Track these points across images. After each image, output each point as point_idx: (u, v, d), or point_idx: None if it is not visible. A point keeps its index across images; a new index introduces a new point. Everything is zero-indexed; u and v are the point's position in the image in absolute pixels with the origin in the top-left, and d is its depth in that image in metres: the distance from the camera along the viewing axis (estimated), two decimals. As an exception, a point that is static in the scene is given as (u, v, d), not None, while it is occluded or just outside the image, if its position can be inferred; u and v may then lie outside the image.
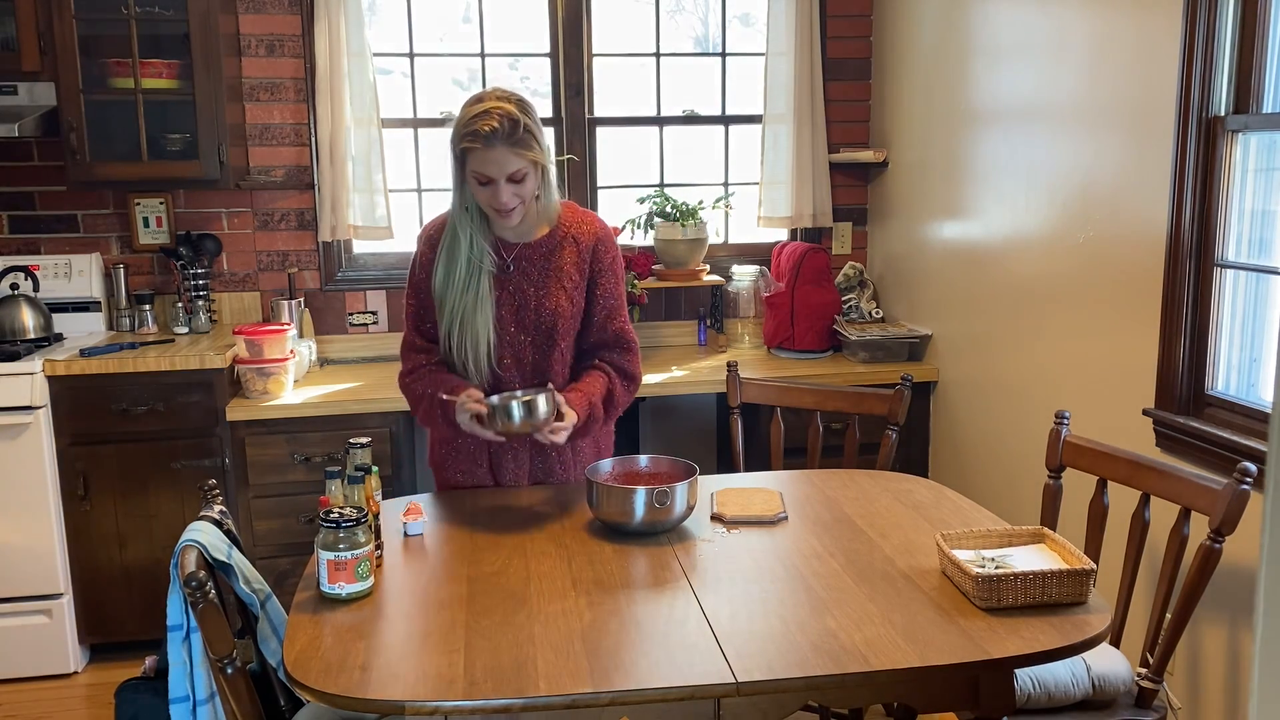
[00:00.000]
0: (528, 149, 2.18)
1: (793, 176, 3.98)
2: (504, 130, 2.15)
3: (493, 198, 2.20)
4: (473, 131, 2.16)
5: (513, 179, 2.19)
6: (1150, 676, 2.15)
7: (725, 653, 1.69)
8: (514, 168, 2.18)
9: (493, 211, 2.25)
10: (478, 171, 2.18)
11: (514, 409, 2.20)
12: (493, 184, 2.18)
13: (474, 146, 2.16)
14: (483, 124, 2.15)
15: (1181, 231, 2.43)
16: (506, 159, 2.17)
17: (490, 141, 2.15)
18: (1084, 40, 2.77)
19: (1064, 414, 2.46)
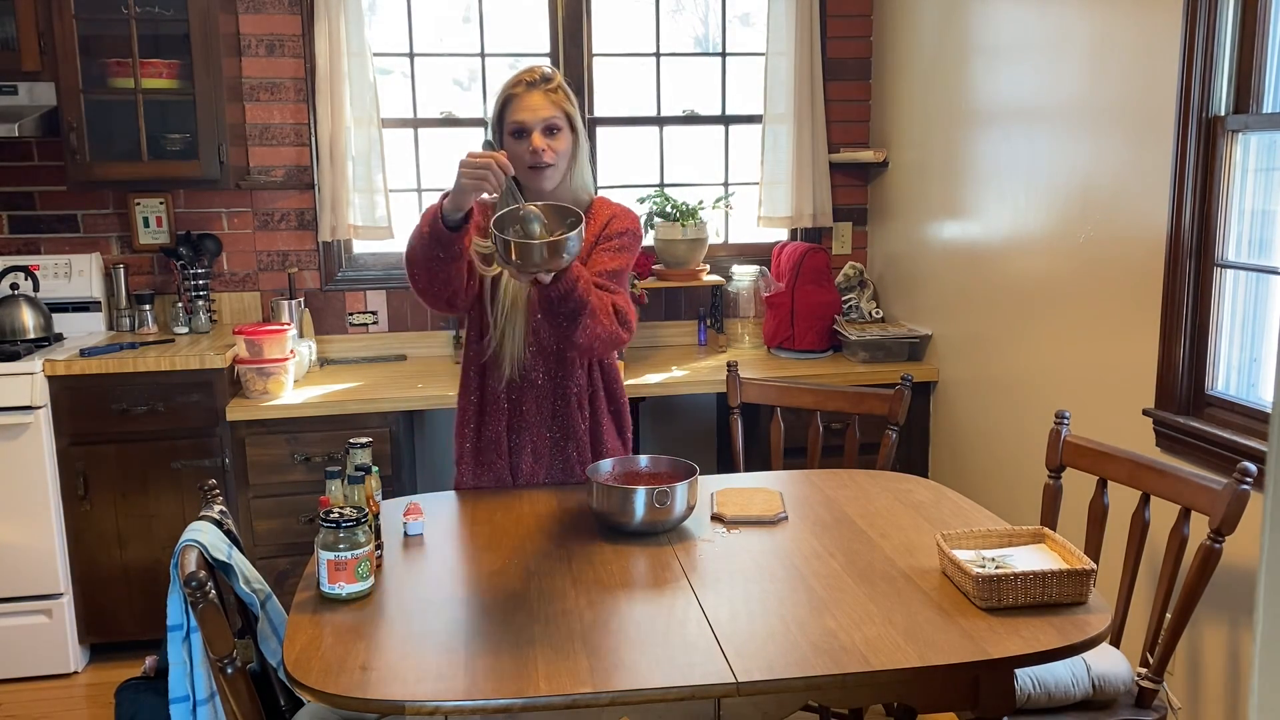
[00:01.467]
0: (565, 99, 2.26)
1: (793, 176, 3.98)
2: (543, 79, 2.26)
3: (528, 147, 2.22)
4: (515, 80, 2.27)
5: (549, 128, 2.23)
6: (1150, 676, 2.15)
7: (725, 653, 1.69)
8: (549, 113, 2.23)
9: (526, 171, 2.23)
10: (516, 119, 2.23)
11: (535, 251, 1.96)
12: (528, 135, 2.22)
13: (515, 93, 2.24)
14: (524, 75, 2.27)
15: (1181, 231, 2.43)
16: (542, 103, 2.23)
17: (530, 87, 2.24)
18: (1084, 40, 2.77)
19: (1064, 414, 2.46)
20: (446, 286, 2.23)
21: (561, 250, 1.97)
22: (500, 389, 2.40)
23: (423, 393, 3.40)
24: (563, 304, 2.08)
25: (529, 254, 1.96)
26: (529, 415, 2.40)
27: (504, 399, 2.40)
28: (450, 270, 2.19)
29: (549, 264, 1.98)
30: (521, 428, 2.41)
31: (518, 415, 2.41)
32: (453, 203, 2.11)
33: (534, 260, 1.96)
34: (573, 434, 2.42)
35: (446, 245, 2.16)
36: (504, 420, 2.41)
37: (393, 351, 3.91)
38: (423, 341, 3.96)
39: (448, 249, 2.16)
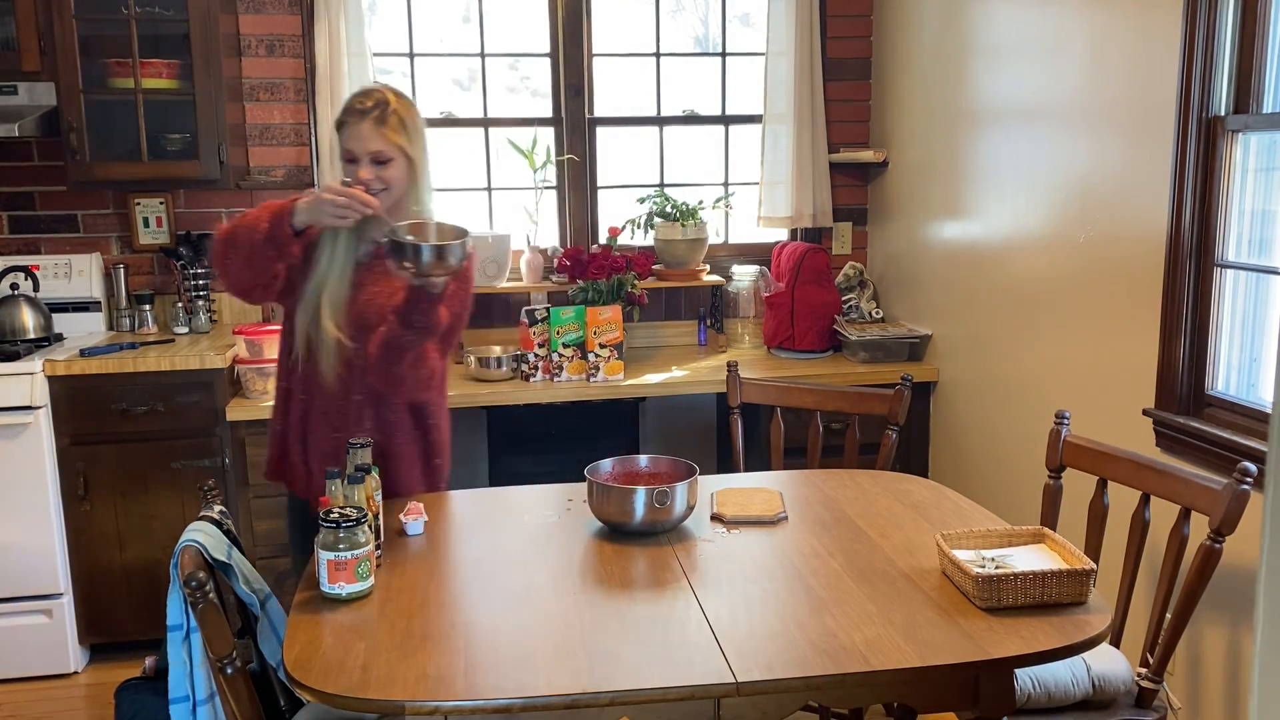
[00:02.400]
0: (393, 132, 2.25)
1: (793, 176, 3.98)
2: (374, 110, 2.25)
3: (356, 175, 2.25)
4: (347, 107, 2.28)
5: (376, 159, 2.25)
6: (1150, 676, 2.15)
7: (725, 653, 1.69)
8: (376, 147, 2.24)
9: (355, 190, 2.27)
10: (346, 147, 2.27)
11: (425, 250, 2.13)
12: (357, 162, 2.26)
13: (345, 120, 2.27)
14: (357, 101, 2.28)
15: (1181, 231, 2.43)
16: (371, 136, 2.24)
17: (359, 117, 2.25)
18: (1084, 40, 2.77)
19: (1064, 414, 2.46)
20: (259, 280, 2.25)
21: (448, 255, 2.13)
22: (298, 386, 2.38)
23: (423, 393, 3.39)
24: (419, 317, 2.22)
25: (420, 257, 2.12)
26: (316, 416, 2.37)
27: (299, 393, 2.39)
28: (272, 268, 2.22)
29: (438, 268, 2.13)
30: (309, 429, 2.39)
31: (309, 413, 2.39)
32: (306, 218, 2.18)
33: (424, 262, 2.12)
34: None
35: (281, 247, 2.20)
36: (298, 413, 2.40)
37: (393, 351, 3.91)
38: (423, 341, 3.95)
39: (281, 250, 2.20)
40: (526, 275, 3.87)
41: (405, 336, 2.24)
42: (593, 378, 3.51)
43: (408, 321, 2.23)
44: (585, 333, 3.50)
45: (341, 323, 2.29)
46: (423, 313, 2.22)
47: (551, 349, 3.51)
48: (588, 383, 3.51)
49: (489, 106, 3.97)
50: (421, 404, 2.41)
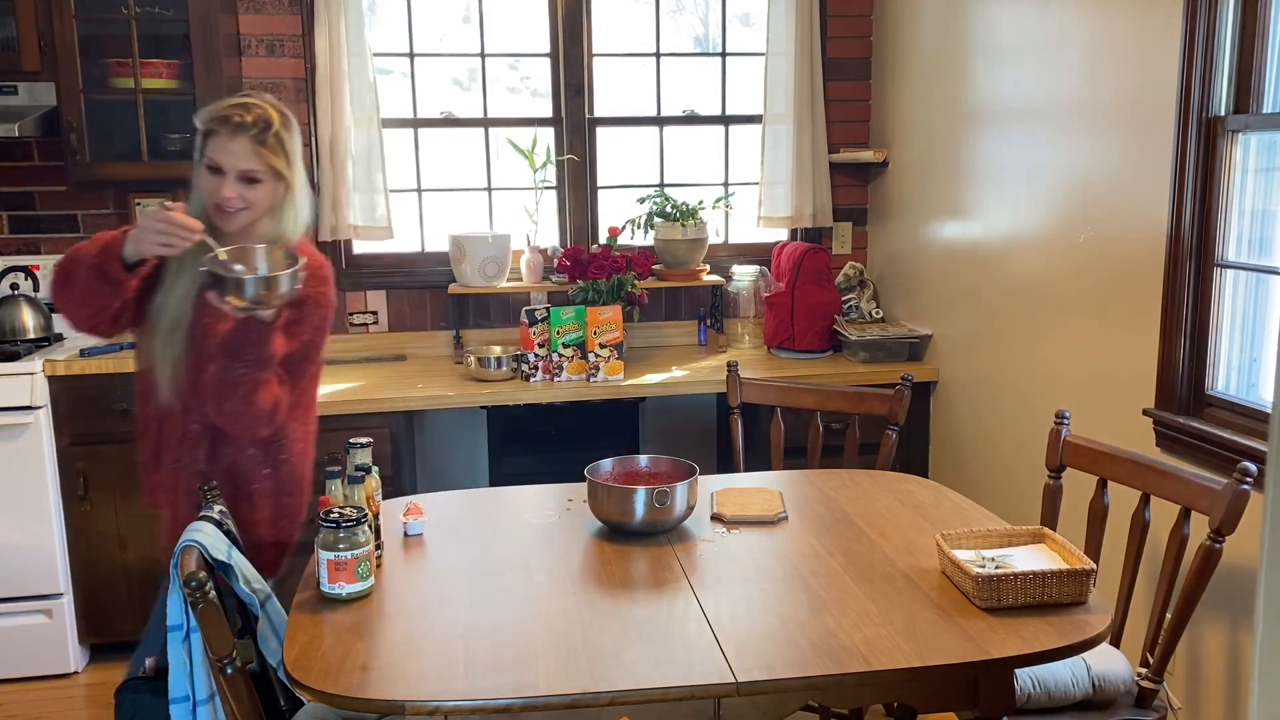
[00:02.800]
0: (272, 154, 2.10)
1: (793, 176, 3.98)
2: (254, 127, 2.09)
3: (218, 190, 2.09)
4: (224, 116, 2.09)
5: (246, 177, 2.10)
6: (1150, 676, 2.15)
7: (725, 653, 1.69)
8: (248, 165, 2.09)
9: (213, 208, 2.11)
10: (213, 158, 2.09)
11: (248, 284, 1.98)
12: (223, 176, 2.09)
13: (217, 130, 2.08)
14: (236, 112, 2.09)
15: (1181, 231, 2.43)
16: (245, 154, 2.08)
17: (237, 131, 2.08)
18: (1084, 40, 2.77)
19: (1064, 414, 2.47)
20: (98, 318, 2.09)
21: (275, 286, 1.98)
22: (150, 411, 2.23)
23: (423, 393, 3.40)
24: (251, 350, 2.04)
25: (243, 288, 1.97)
26: (164, 448, 2.22)
27: (151, 421, 2.23)
28: (110, 302, 2.06)
29: (266, 299, 1.98)
30: (161, 461, 2.23)
31: (160, 446, 2.23)
32: (133, 250, 2.02)
33: (247, 294, 1.97)
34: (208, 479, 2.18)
35: (115, 284, 2.04)
36: (151, 447, 2.24)
37: (393, 351, 3.91)
38: (423, 341, 3.96)
39: (116, 287, 2.04)
40: (526, 275, 3.87)
41: (235, 370, 2.06)
42: (593, 378, 3.51)
43: (236, 354, 2.05)
44: (585, 333, 3.50)
45: (180, 351, 2.12)
46: (254, 345, 2.05)
47: (551, 349, 3.51)
48: (588, 383, 3.51)
49: (489, 106, 3.97)
50: (269, 437, 2.21)
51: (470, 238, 3.74)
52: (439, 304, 3.95)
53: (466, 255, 3.72)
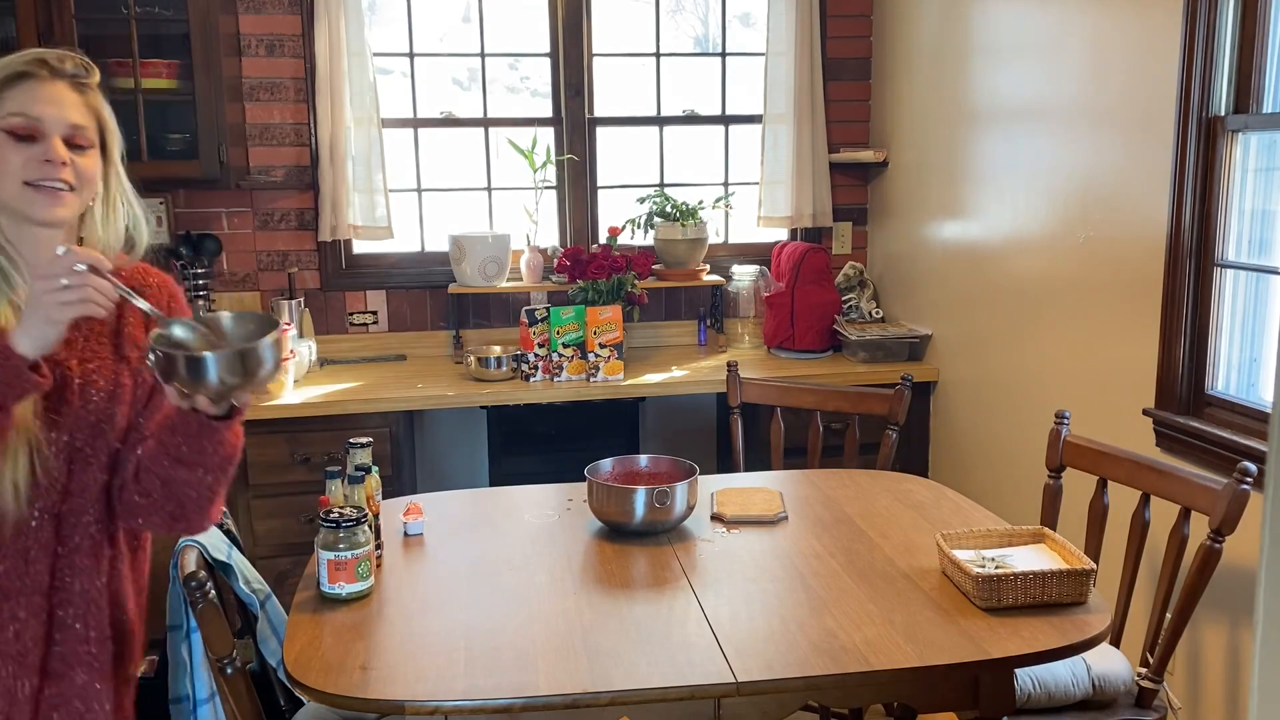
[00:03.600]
0: (102, 105, 1.56)
1: (793, 176, 3.98)
2: (75, 71, 1.53)
3: (35, 158, 1.46)
4: (32, 56, 1.51)
5: (73, 142, 1.50)
6: (1150, 676, 2.15)
7: (725, 653, 1.69)
8: (79, 118, 1.51)
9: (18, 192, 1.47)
10: (23, 112, 1.46)
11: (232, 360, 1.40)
12: (41, 137, 1.47)
13: (27, 71, 1.49)
14: (46, 52, 1.52)
15: (1181, 231, 2.43)
16: (72, 100, 1.51)
17: (53, 74, 1.51)
18: (1084, 40, 2.77)
19: (1064, 414, 2.47)
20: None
21: (258, 363, 1.42)
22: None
23: (423, 393, 3.40)
24: (221, 447, 1.49)
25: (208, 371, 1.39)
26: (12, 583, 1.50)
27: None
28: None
29: (244, 383, 1.42)
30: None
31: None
32: (37, 339, 1.36)
33: (215, 378, 1.40)
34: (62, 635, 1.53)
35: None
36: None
37: (393, 351, 3.91)
38: (423, 341, 3.96)
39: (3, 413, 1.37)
40: (526, 275, 3.87)
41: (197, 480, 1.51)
42: (593, 378, 3.51)
43: (193, 458, 1.48)
44: (585, 333, 3.50)
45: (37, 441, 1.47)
46: (215, 444, 1.49)
47: (551, 349, 3.51)
48: (588, 383, 3.51)
49: (489, 106, 3.97)
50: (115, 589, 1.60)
51: (470, 238, 3.74)
52: (439, 304, 3.95)
53: (466, 255, 3.72)
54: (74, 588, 1.52)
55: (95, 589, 1.55)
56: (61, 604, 1.51)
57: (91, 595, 1.54)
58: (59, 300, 1.35)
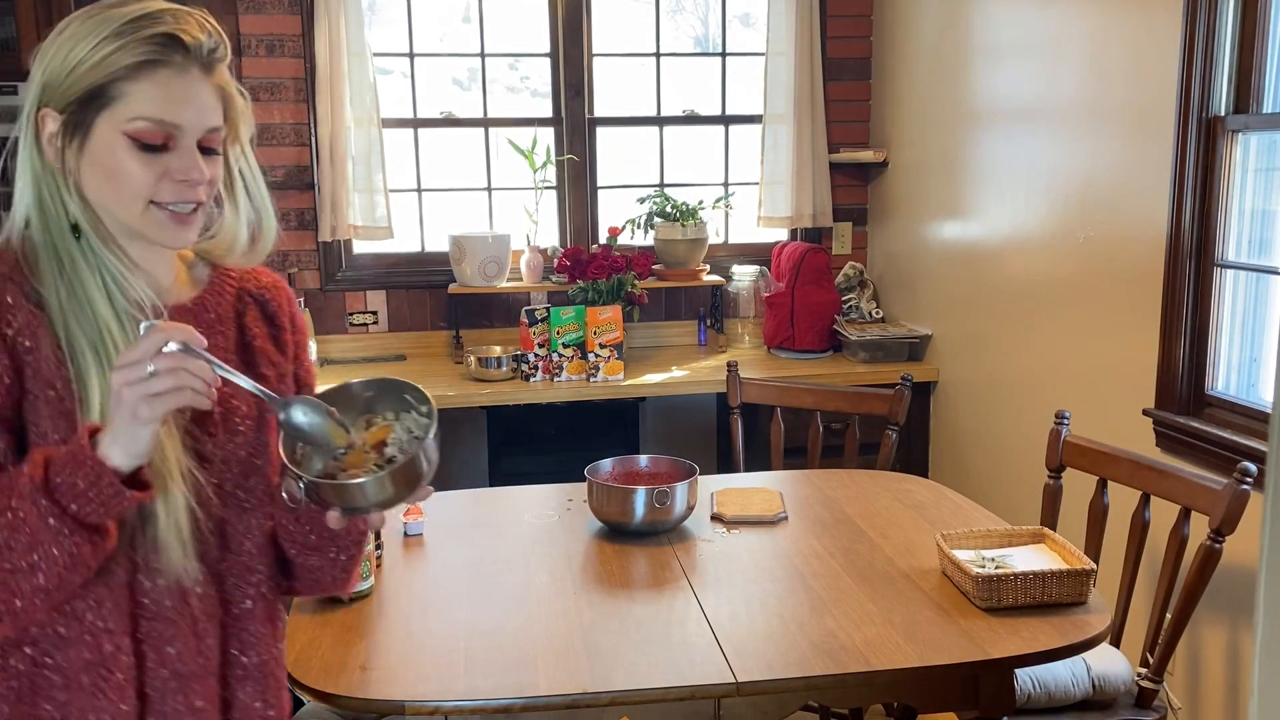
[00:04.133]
0: (229, 85, 1.22)
1: (793, 176, 3.97)
2: (213, 44, 1.19)
3: (179, 172, 1.15)
4: (163, 35, 1.13)
5: (207, 145, 1.18)
6: (1150, 676, 2.15)
7: (725, 653, 1.69)
8: (215, 120, 1.18)
9: (152, 212, 1.16)
10: (154, 116, 1.13)
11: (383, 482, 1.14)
12: (174, 146, 1.15)
13: (161, 59, 1.13)
14: (180, 27, 1.15)
15: (1181, 231, 2.43)
16: (208, 96, 1.17)
17: (192, 58, 1.16)
18: (1084, 40, 2.77)
19: (1064, 414, 2.47)
20: (48, 603, 1.10)
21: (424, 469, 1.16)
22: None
23: (423, 393, 3.39)
24: (358, 524, 1.26)
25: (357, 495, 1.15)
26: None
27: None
28: (87, 571, 1.10)
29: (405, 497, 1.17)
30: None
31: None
32: (128, 446, 1.05)
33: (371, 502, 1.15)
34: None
35: (97, 532, 1.08)
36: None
37: (393, 351, 3.91)
38: (423, 341, 3.96)
39: (99, 536, 1.08)
40: (526, 275, 3.87)
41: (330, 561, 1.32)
42: (593, 378, 3.51)
43: (301, 543, 1.29)
44: (585, 333, 3.50)
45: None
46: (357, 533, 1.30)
47: (551, 349, 3.51)
48: (588, 383, 3.51)
49: (489, 106, 3.97)
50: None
51: (470, 238, 3.74)
52: (439, 304, 3.95)
53: (466, 255, 3.72)
54: (250, 661, 1.26)
55: (272, 659, 1.29)
56: (239, 681, 1.26)
57: (269, 668, 1.28)
58: (146, 394, 1.03)
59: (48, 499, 1.04)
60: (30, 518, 1.04)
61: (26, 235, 1.16)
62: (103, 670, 1.14)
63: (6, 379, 1.11)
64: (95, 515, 1.06)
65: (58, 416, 1.12)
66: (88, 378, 1.12)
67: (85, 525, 1.05)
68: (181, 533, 1.15)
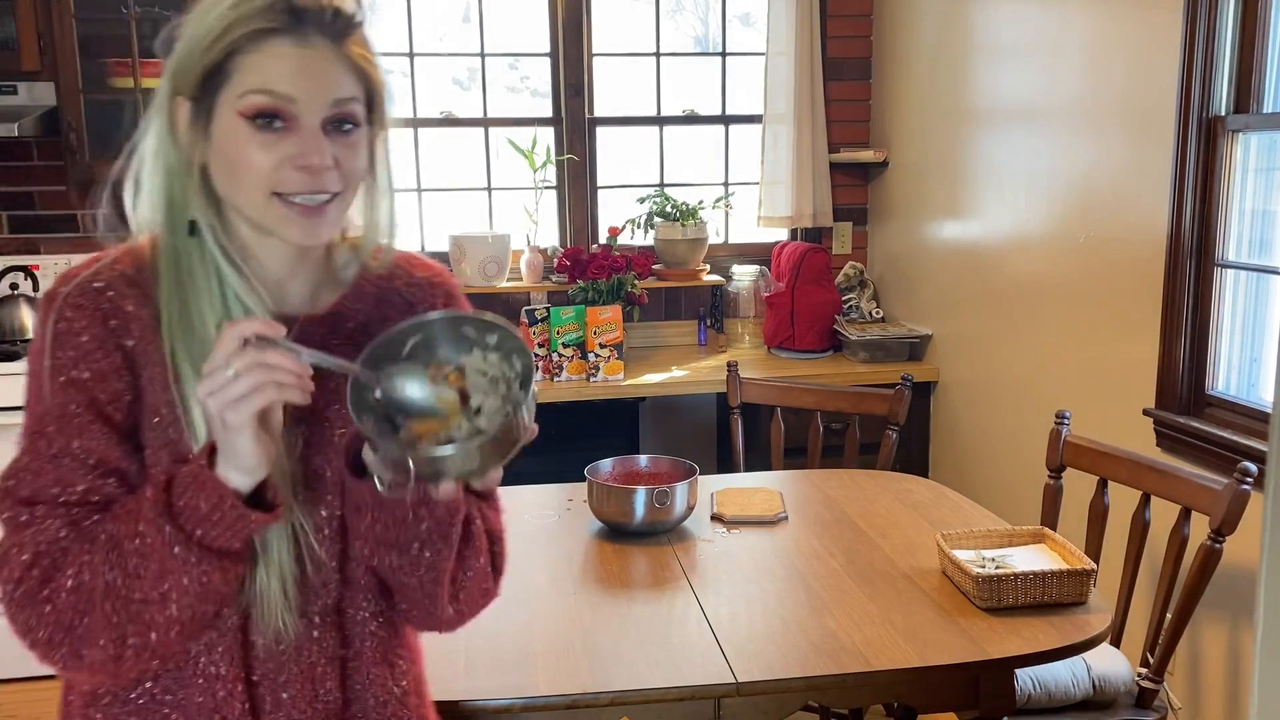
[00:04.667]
0: (368, 58, 1.10)
1: (793, 176, 3.97)
2: (343, 14, 1.07)
3: (299, 156, 1.05)
4: (279, 1, 1.03)
5: (340, 119, 1.07)
6: (1151, 677, 2.15)
7: (725, 653, 1.69)
8: (344, 91, 1.07)
9: (275, 205, 1.06)
10: (268, 88, 1.03)
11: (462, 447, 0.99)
12: (295, 126, 1.05)
13: (275, 27, 1.03)
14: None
15: (1182, 231, 2.43)
16: (335, 65, 1.06)
17: (314, 23, 1.04)
18: (1084, 40, 2.77)
19: (1064, 414, 2.46)
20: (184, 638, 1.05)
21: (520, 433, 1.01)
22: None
23: (423, 393, 3.39)
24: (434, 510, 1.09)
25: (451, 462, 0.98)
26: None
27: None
28: (224, 602, 1.05)
29: (497, 463, 1.03)
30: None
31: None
32: (239, 467, 0.98)
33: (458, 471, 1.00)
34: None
35: (231, 557, 1.02)
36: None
37: (393, 351, 3.91)
38: (423, 341, 3.95)
39: (228, 574, 1.02)
40: (526, 275, 3.87)
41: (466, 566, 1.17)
42: (593, 378, 3.51)
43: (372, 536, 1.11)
44: (585, 332, 3.50)
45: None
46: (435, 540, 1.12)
47: (551, 349, 3.51)
48: (588, 383, 3.51)
49: (489, 106, 3.96)
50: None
51: (470, 238, 3.74)
52: (439, 304, 3.94)
53: (466, 255, 3.72)
54: (368, 704, 1.18)
55: (393, 699, 1.20)
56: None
57: (390, 708, 1.20)
58: (228, 400, 0.95)
59: (172, 525, 0.98)
60: (156, 544, 0.98)
61: (155, 236, 1.11)
62: (216, 716, 1.09)
63: (128, 396, 1.06)
64: (221, 539, 0.99)
65: (162, 445, 1.06)
66: (190, 401, 1.04)
67: (212, 550, 0.99)
68: (286, 581, 1.08)
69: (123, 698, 1.09)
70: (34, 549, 1.00)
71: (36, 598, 1.00)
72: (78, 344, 1.04)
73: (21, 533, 1.01)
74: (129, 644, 1.00)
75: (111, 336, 1.05)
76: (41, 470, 1.03)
